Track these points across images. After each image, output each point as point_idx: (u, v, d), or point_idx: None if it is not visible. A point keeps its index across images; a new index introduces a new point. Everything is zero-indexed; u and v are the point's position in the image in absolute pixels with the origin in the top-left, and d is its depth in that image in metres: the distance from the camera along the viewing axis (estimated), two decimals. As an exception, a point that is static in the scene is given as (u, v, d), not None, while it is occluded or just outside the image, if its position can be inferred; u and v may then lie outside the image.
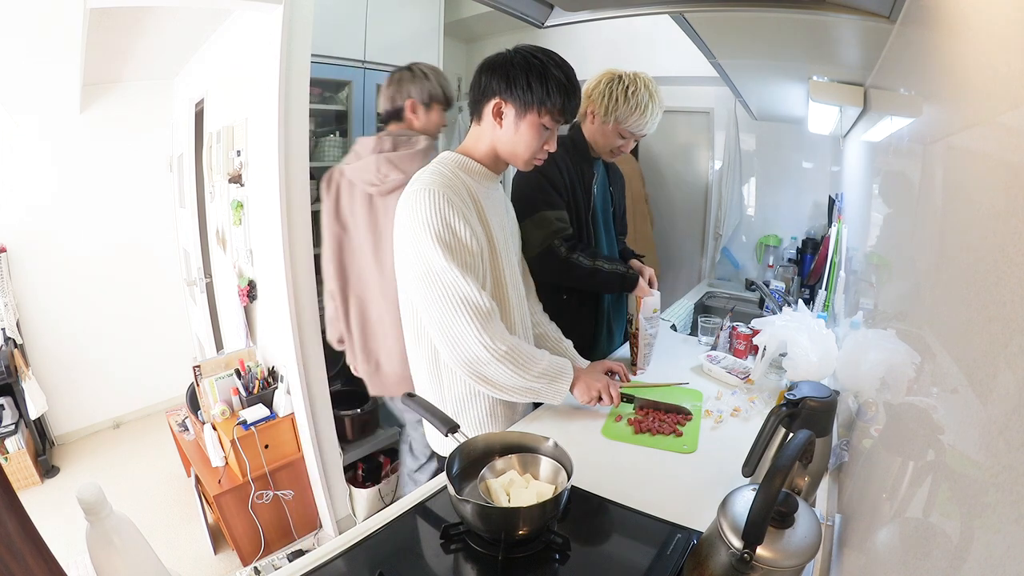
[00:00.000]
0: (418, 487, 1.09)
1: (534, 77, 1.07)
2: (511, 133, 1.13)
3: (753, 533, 0.65)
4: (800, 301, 1.66)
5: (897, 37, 1.07)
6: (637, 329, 1.54)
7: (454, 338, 1.09)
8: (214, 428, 2.18)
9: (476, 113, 1.16)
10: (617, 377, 1.46)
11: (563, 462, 0.93)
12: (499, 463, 0.95)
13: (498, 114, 1.12)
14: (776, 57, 1.70)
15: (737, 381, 1.49)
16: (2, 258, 2.82)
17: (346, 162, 1.78)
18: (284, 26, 1.77)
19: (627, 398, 1.36)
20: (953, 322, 0.53)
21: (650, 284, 1.59)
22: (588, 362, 1.48)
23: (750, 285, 2.34)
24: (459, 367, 1.12)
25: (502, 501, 0.88)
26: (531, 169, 1.21)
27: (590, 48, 2.85)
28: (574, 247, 1.51)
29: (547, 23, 1.57)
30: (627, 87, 1.47)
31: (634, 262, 1.65)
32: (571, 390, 1.24)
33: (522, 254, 1.44)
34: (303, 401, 2.11)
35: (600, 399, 1.28)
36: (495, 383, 1.14)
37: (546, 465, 0.95)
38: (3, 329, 2.76)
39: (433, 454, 1.60)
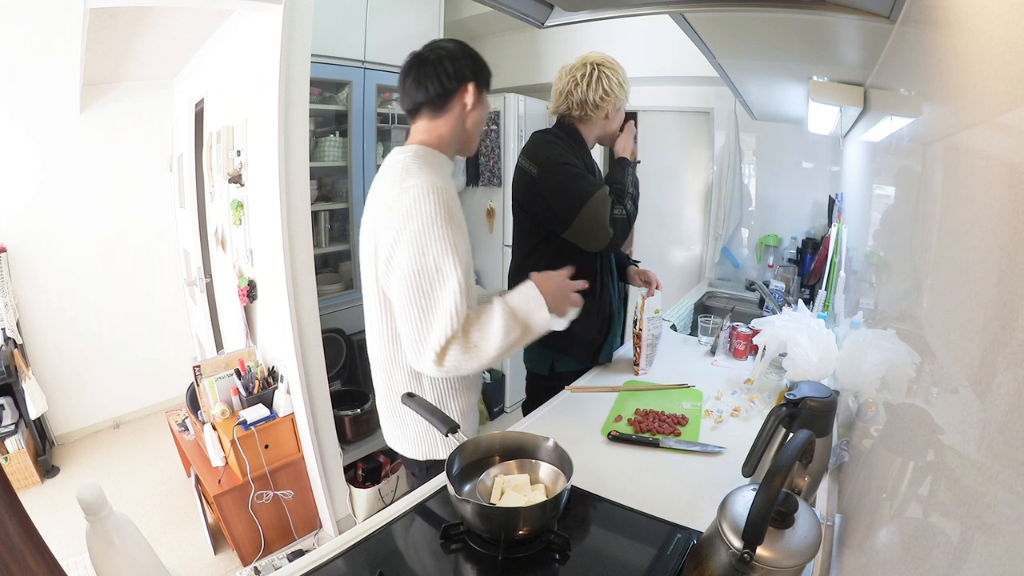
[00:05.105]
0: None
1: (476, 58, 1.19)
2: (481, 110, 1.19)
3: (753, 533, 0.65)
4: (800, 301, 1.66)
5: (897, 37, 1.07)
6: (641, 330, 1.54)
7: (420, 340, 1.03)
8: (214, 428, 2.18)
9: (438, 107, 1.15)
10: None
11: (563, 462, 0.93)
12: (499, 464, 0.95)
13: (474, 96, 1.16)
14: (776, 57, 1.69)
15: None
16: (2, 258, 2.82)
17: None
18: (284, 26, 1.77)
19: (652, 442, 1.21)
20: (953, 322, 0.53)
21: (657, 287, 1.60)
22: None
23: (750, 285, 2.34)
24: (427, 368, 1.06)
25: (501, 501, 0.88)
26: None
27: (590, 48, 2.84)
28: (615, 202, 1.46)
29: (547, 23, 1.57)
30: (613, 70, 1.55)
31: (635, 268, 1.65)
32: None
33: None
34: (303, 401, 2.11)
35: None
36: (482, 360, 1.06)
37: (546, 465, 0.95)
38: (3, 329, 2.76)
39: None
